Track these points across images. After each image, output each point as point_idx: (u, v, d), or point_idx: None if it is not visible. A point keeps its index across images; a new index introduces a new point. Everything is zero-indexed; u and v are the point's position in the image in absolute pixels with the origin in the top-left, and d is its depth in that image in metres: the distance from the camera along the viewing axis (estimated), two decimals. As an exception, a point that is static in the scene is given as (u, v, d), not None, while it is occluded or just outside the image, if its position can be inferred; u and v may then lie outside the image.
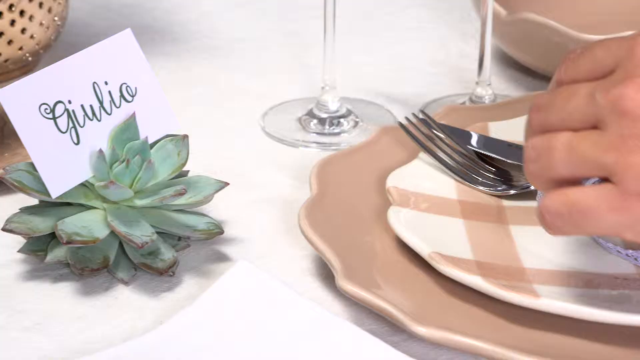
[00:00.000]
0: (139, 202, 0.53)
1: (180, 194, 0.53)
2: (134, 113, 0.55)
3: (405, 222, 0.53)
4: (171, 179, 0.55)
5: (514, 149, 0.59)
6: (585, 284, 0.50)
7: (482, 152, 0.59)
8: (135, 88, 0.55)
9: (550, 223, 0.45)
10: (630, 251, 0.51)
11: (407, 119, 0.61)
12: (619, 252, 0.52)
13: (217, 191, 0.55)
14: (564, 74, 0.47)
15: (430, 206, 0.55)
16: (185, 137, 0.56)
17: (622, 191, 0.43)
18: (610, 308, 0.47)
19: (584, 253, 0.53)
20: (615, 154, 0.43)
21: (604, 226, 0.44)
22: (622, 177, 0.42)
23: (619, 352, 0.47)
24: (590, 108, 0.44)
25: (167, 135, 0.56)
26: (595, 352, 0.47)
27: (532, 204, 0.56)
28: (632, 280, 0.50)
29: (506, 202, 0.57)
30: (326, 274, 0.54)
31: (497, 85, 0.72)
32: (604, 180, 0.43)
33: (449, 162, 0.58)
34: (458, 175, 0.58)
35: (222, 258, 0.56)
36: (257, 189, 0.62)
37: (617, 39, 0.45)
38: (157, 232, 0.54)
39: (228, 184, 0.56)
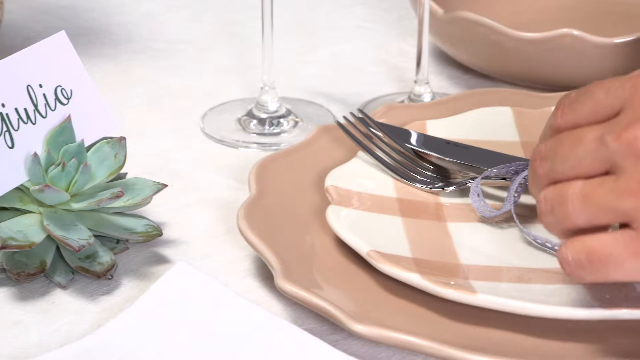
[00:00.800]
0: (75, 206, 0.53)
1: (117, 196, 0.53)
2: (69, 116, 0.54)
3: (344, 221, 0.53)
4: (109, 182, 0.55)
5: (451, 147, 0.60)
6: (519, 279, 0.50)
7: (420, 150, 0.60)
8: (71, 90, 0.55)
9: (571, 273, 0.44)
10: (560, 244, 0.52)
11: (345, 118, 0.61)
12: (551, 247, 0.52)
13: (155, 193, 0.55)
14: (562, 119, 0.45)
15: (368, 205, 0.56)
16: (123, 139, 0.56)
17: None
18: (544, 302, 0.47)
19: (518, 248, 0.53)
20: (634, 198, 0.42)
21: (626, 272, 0.43)
22: None
23: (554, 346, 0.47)
24: (600, 153, 0.43)
25: (104, 138, 0.56)
26: (530, 346, 0.47)
27: (468, 200, 0.56)
28: (564, 274, 0.51)
29: (444, 199, 0.57)
30: (266, 275, 0.54)
31: (435, 83, 0.73)
32: (623, 225, 0.43)
33: (387, 160, 0.59)
34: (396, 174, 0.58)
35: (162, 260, 0.55)
36: (196, 191, 0.62)
37: (615, 79, 0.45)
38: (95, 235, 0.53)
39: (166, 185, 0.56)
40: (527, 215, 0.56)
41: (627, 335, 0.48)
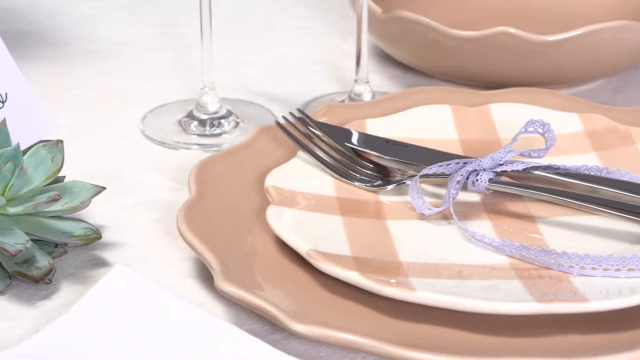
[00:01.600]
0: (12, 210, 0.53)
1: (55, 200, 0.52)
2: (4, 119, 0.54)
3: (284, 221, 0.53)
4: (46, 185, 0.55)
5: (391, 145, 0.60)
6: (458, 275, 0.51)
7: (360, 149, 0.60)
8: (6, 94, 0.54)
9: None
10: (498, 240, 0.52)
11: (284, 117, 0.61)
12: (489, 242, 0.53)
13: (93, 196, 0.55)
14: None
15: (308, 204, 0.56)
16: (60, 142, 0.55)
17: None
18: (482, 298, 0.48)
19: (457, 245, 0.54)
20: None
21: None
22: None
23: (493, 341, 0.48)
24: None
25: (41, 141, 0.55)
26: (470, 342, 0.48)
27: (407, 198, 0.57)
28: (501, 270, 0.51)
29: (383, 198, 0.58)
30: (206, 276, 0.54)
31: (376, 82, 0.73)
32: None
33: (327, 159, 0.59)
34: (336, 173, 0.58)
35: (101, 263, 0.55)
36: (136, 193, 0.61)
37: None
38: (33, 240, 0.53)
39: (105, 188, 0.55)
40: (465, 211, 0.56)
41: (563, 329, 0.48)
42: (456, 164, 0.56)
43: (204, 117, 0.68)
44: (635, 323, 0.48)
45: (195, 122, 0.68)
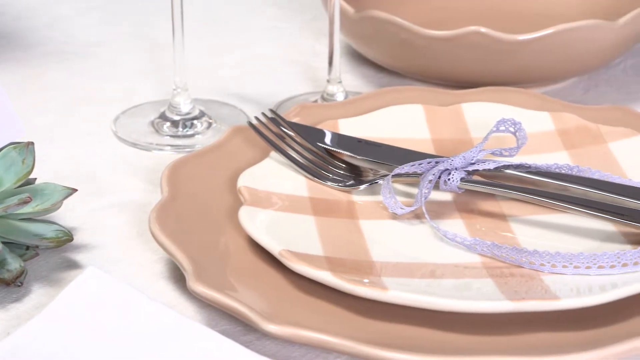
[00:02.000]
0: (-18, 213, 0.52)
1: (25, 202, 0.52)
2: (-26, 121, 0.53)
3: (256, 222, 0.53)
4: (17, 188, 0.54)
5: (363, 145, 0.60)
6: (431, 275, 0.51)
7: (332, 149, 0.60)
8: (-24, 96, 0.54)
9: None
10: (470, 239, 0.52)
11: (256, 118, 0.61)
12: (461, 241, 0.53)
13: (65, 198, 0.55)
14: None
15: (281, 204, 0.56)
16: (30, 144, 0.55)
17: None
18: (454, 297, 0.48)
19: (429, 244, 0.54)
20: None
21: None
22: None
23: (465, 340, 0.48)
24: None
25: (11, 143, 0.55)
26: (442, 341, 0.48)
27: (380, 198, 0.57)
28: (473, 269, 0.51)
29: (356, 197, 0.58)
30: (179, 277, 0.54)
31: (349, 82, 0.73)
32: None
33: (299, 159, 0.59)
34: (308, 173, 0.58)
35: (73, 266, 0.55)
36: (109, 195, 0.61)
37: None
38: (3, 242, 0.52)
39: (76, 190, 0.55)
40: (437, 210, 0.56)
41: (535, 327, 0.48)
42: (428, 163, 0.56)
43: (177, 118, 0.68)
44: (605, 320, 0.48)
45: (168, 123, 0.68)
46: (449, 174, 0.56)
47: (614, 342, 0.45)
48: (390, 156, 0.59)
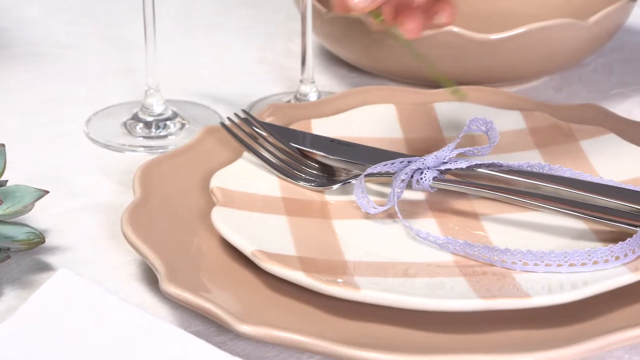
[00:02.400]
0: (-47, 215, 0.52)
1: (-4, 204, 0.52)
2: (-56, 124, 0.53)
3: (229, 222, 0.53)
4: (-13, 190, 0.54)
5: (336, 145, 0.60)
6: (403, 274, 0.51)
7: (305, 149, 0.60)
8: (-55, 98, 0.54)
9: None
10: (442, 238, 0.52)
11: (229, 119, 0.61)
12: (433, 240, 0.53)
13: (37, 200, 0.54)
14: None
15: (254, 205, 0.56)
16: (1, 146, 0.55)
17: None
18: (426, 295, 0.48)
19: (402, 244, 0.54)
20: None
21: None
22: None
23: (439, 338, 0.48)
24: None
25: (-18, 145, 0.55)
26: (415, 340, 0.48)
27: (353, 197, 0.57)
28: (445, 267, 0.51)
29: (329, 197, 0.58)
30: (152, 279, 0.54)
31: (322, 82, 0.73)
32: None
33: (272, 160, 0.59)
34: (281, 173, 0.58)
35: (45, 268, 0.55)
36: (81, 196, 0.61)
37: None
38: (-26, 245, 0.52)
39: (48, 192, 0.55)
40: (410, 210, 0.56)
41: (509, 325, 0.49)
42: (401, 162, 0.56)
43: (150, 119, 0.68)
44: (577, 318, 0.49)
45: (141, 124, 0.68)
46: (422, 173, 0.56)
47: (586, 339, 0.45)
48: (363, 156, 0.59)
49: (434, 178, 0.56)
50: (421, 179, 0.56)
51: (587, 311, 0.49)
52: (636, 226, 0.52)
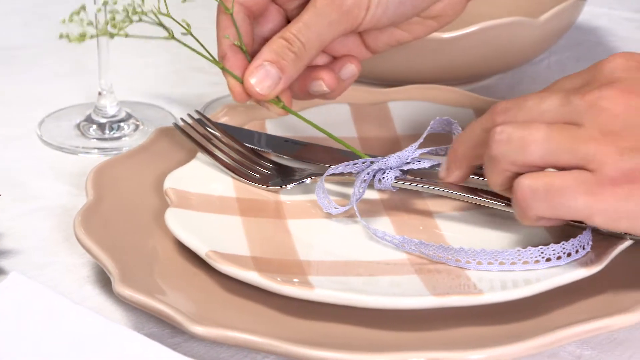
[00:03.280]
0: None
1: (-54, 208, 0.51)
2: None
3: (183, 223, 0.53)
4: (-63, 194, 0.53)
5: (290, 144, 0.60)
6: (358, 272, 0.51)
7: (259, 149, 0.60)
8: None
9: (522, 199, 0.47)
10: (398, 237, 0.53)
11: (182, 119, 0.61)
12: (390, 240, 0.53)
13: (-13, 203, 0.54)
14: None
15: (208, 205, 0.56)
16: (-49, 149, 0.54)
17: (598, 178, 0.46)
18: (380, 294, 0.48)
19: (356, 243, 0.54)
20: (594, 144, 0.46)
21: (577, 208, 0.46)
22: (600, 165, 0.46)
23: (394, 336, 0.48)
24: (564, 108, 0.48)
25: None
26: (369, 338, 0.48)
27: (308, 197, 0.57)
28: (400, 266, 0.52)
29: (283, 197, 0.58)
30: (105, 281, 0.54)
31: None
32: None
33: (226, 160, 0.59)
34: (235, 173, 0.58)
35: (-3, 272, 0.54)
36: (34, 199, 0.60)
37: (574, 74, 0.50)
38: None
39: (0, 195, 0.54)
40: (365, 209, 0.56)
41: (464, 322, 0.49)
42: (363, 162, 0.56)
43: (103, 120, 0.67)
44: (531, 314, 0.49)
45: (94, 126, 0.67)
46: (384, 173, 0.56)
47: (538, 335, 0.46)
48: (318, 155, 0.59)
49: (396, 177, 0.56)
50: (383, 178, 0.56)
51: (540, 307, 0.49)
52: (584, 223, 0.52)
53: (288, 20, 0.58)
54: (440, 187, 0.55)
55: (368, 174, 0.55)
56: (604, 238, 0.51)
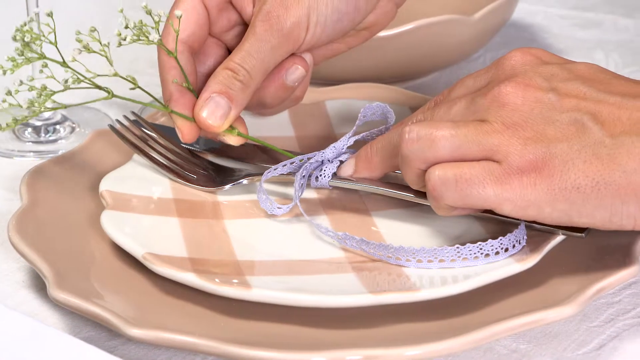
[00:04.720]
0: None
1: None
2: None
3: (119, 226, 0.53)
4: None
5: (226, 145, 0.60)
6: (295, 271, 0.51)
7: (196, 149, 0.60)
8: None
9: (434, 190, 0.49)
10: (340, 233, 0.52)
11: (118, 121, 0.61)
12: (333, 235, 0.53)
13: None
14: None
15: (145, 207, 0.55)
16: None
17: (505, 168, 0.48)
18: (318, 292, 0.48)
19: (293, 242, 0.54)
20: (498, 136, 0.48)
21: (486, 196, 0.48)
22: (506, 156, 0.48)
23: (332, 334, 0.48)
24: (470, 108, 0.50)
25: None
26: (307, 337, 0.48)
27: (246, 197, 0.57)
28: (337, 264, 0.52)
29: (221, 198, 0.57)
30: (41, 285, 0.53)
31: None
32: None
33: (163, 161, 0.58)
34: (172, 174, 0.58)
35: None
36: (-33, 204, 0.60)
37: (480, 69, 0.52)
38: None
39: None
40: (303, 208, 0.56)
41: (401, 319, 0.49)
42: (300, 160, 0.56)
43: (38, 123, 0.67)
44: (467, 309, 0.49)
45: (30, 129, 0.67)
46: (321, 169, 0.56)
47: (474, 330, 0.46)
48: (255, 155, 0.59)
49: (333, 174, 0.55)
50: (320, 175, 0.55)
51: (476, 303, 0.49)
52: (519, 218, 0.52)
53: (229, 51, 0.58)
54: (376, 185, 0.55)
55: (307, 169, 0.55)
56: (538, 233, 0.51)
